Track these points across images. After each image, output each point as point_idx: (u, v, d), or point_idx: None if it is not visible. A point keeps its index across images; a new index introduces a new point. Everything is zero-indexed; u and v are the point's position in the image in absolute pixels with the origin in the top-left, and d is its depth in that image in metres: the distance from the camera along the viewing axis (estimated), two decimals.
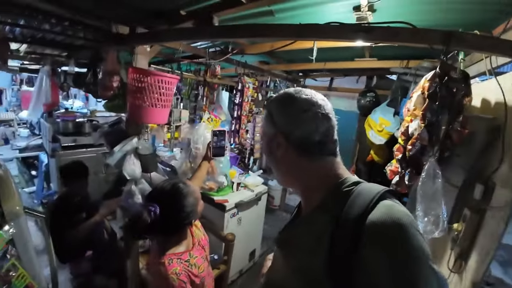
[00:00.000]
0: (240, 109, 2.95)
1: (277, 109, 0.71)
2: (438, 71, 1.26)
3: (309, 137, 0.67)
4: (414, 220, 0.56)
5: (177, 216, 1.15)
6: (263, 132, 0.77)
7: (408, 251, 0.51)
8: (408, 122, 1.53)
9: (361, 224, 0.55)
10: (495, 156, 1.23)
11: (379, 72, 3.14)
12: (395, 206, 0.57)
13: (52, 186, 3.94)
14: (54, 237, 1.92)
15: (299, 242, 0.67)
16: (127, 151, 1.87)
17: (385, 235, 0.53)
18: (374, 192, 0.60)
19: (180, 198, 1.16)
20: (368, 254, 0.52)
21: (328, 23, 1.33)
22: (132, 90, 1.69)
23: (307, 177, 0.70)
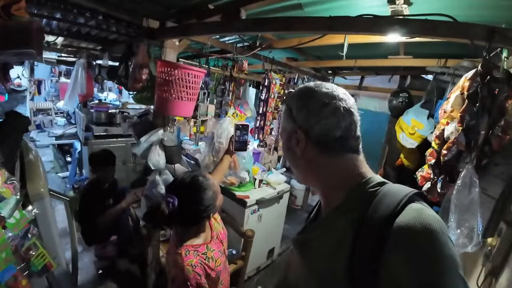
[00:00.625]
0: (265, 106, 2.93)
1: (296, 103, 0.69)
2: (480, 69, 1.16)
3: (329, 132, 0.64)
4: (445, 226, 0.51)
5: (195, 208, 1.16)
6: (282, 128, 0.75)
7: (437, 259, 0.47)
8: (444, 125, 1.43)
9: (387, 228, 0.51)
10: None
11: (414, 72, 2.96)
12: (425, 210, 0.52)
13: (84, 172, 4.19)
14: (82, 220, 2.04)
15: (319, 245, 0.64)
16: (153, 142, 1.92)
17: (413, 241, 0.49)
18: (402, 194, 0.55)
19: (199, 191, 1.17)
20: (393, 260, 0.49)
21: (361, 16, 1.27)
22: (160, 82, 1.73)
23: (327, 175, 0.67)
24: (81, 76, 2.83)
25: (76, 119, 4.56)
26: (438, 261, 0.46)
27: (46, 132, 6.55)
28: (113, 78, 2.45)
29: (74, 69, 2.94)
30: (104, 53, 2.71)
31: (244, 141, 1.68)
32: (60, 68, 7.91)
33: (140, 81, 1.76)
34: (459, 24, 1.09)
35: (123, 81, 1.94)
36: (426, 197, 0.59)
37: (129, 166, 3.55)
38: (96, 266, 2.23)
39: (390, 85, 3.37)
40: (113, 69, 2.27)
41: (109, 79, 2.72)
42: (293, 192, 4.31)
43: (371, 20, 1.25)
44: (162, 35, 1.76)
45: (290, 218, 3.33)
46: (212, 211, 1.21)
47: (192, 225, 1.21)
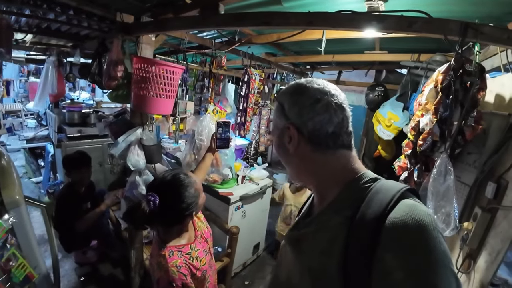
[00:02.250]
0: (246, 102, 2.91)
1: (289, 100, 0.68)
2: (453, 63, 1.21)
3: (322, 128, 0.63)
4: (437, 222, 0.52)
5: (177, 207, 1.13)
6: (274, 125, 0.74)
7: (430, 255, 0.47)
8: (419, 117, 1.48)
9: (380, 224, 0.51)
10: (508, 154, 1.18)
11: (389, 66, 3.06)
12: (417, 206, 0.53)
13: (58, 176, 3.98)
14: (60, 226, 1.93)
15: (312, 241, 0.64)
16: (131, 142, 1.85)
17: (406, 237, 0.49)
18: (394, 190, 0.56)
19: (181, 189, 1.14)
20: (386, 256, 0.49)
21: (339, 11, 1.29)
22: (137, 80, 1.66)
23: (320, 171, 0.67)
24: (52, 75, 2.66)
25: (48, 121, 4.31)
26: (431, 257, 0.47)
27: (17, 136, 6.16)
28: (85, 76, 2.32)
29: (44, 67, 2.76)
30: (75, 50, 2.56)
31: (226, 138, 1.66)
32: (29, 67, 7.44)
33: (115, 79, 1.67)
34: (433, 20, 1.13)
35: (97, 79, 1.84)
36: (418, 193, 0.59)
37: (106, 168, 3.41)
38: (78, 273, 2.14)
39: (366, 79, 3.47)
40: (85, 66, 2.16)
41: (81, 77, 2.58)
42: (275, 186, 4.35)
43: (349, 15, 1.27)
44: (137, 30, 1.68)
45: (274, 212, 3.36)
46: (194, 209, 1.18)
47: (174, 224, 1.18)
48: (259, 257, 3.16)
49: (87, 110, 3.71)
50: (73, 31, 2.38)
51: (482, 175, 1.28)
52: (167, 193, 1.11)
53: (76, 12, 1.73)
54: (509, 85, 1.24)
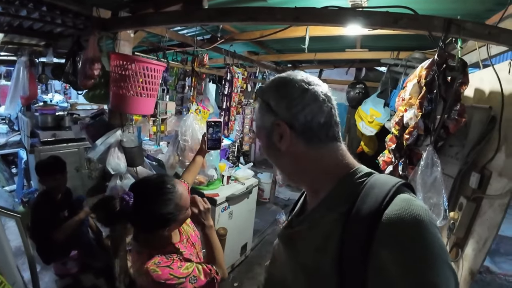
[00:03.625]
0: (229, 100, 2.87)
1: (274, 95, 0.64)
2: (436, 58, 1.24)
3: (314, 119, 0.60)
4: (433, 216, 0.51)
5: (150, 216, 1.02)
6: (259, 126, 0.69)
7: (428, 251, 0.46)
8: (402, 112, 1.51)
9: (376, 219, 0.50)
10: (490, 145, 1.23)
11: (369, 64, 3.14)
12: (413, 200, 0.52)
13: (32, 183, 3.76)
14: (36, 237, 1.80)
15: (306, 239, 0.62)
16: (111, 144, 1.75)
17: (403, 233, 0.48)
18: (390, 184, 0.54)
19: (159, 200, 1.02)
20: (383, 252, 0.48)
21: (326, 7, 1.28)
22: (115, 78, 1.57)
23: (314, 168, 0.64)
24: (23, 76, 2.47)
25: (20, 125, 4.04)
26: (428, 253, 0.46)
27: None
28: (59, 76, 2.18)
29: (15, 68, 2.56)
30: (48, 49, 2.38)
31: (218, 139, 1.60)
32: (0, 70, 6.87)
33: (92, 77, 1.57)
34: (419, 16, 1.15)
35: (71, 79, 1.72)
36: (412, 187, 0.58)
37: (84, 173, 3.23)
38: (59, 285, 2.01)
39: (347, 77, 3.54)
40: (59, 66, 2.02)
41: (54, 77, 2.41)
42: (261, 185, 4.34)
43: (336, 11, 1.27)
44: (115, 26, 1.58)
45: (259, 211, 3.35)
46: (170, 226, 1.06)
47: (149, 232, 1.07)
48: (247, 258, 3.13)
49: (61, 113, 3.51)
50: (46, 29, 2.22)
51: (466, 166, 1.33)
52: (144, 199, 1.00)
53: (50, 9, 1.60)
54: (488, 79, 1.29)
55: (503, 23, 1.19)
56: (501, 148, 1.14)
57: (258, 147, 6.69)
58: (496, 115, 1.19)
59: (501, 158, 1.13)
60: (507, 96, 1.13)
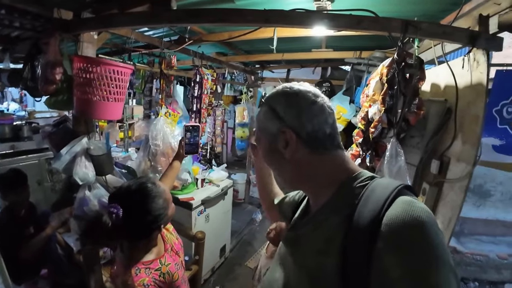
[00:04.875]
0: (199, 102, 2.83)
1: (284, 102, 0.66)
2: (396, 57, 1.34)
3: (321, 130, 0.63)
4: (434, 217, 0.52)
5: (143, 220, 1.02)
6: (262, 130, 0.70)
7: (428, 252, 0.47)
8: (367, 107, 1.61)
9: (378, 222, 0.51)
10: (447, 134, 1.36)
11: (334, 63, 3.29)
12: (414, 202, 0.52)
13: None
14: (3, 256, 1.64)
15: (310, 242, 0.63)
16: (77, 153, 1.65)
17: (405, 235, 0.49)
18: (391, 187, 0.55)
19: (147, 200, 1.03)
20: (385, 254, 0.49)
21: (294, 10, 1.33)
22: (79, 82, 1.48)
23: (317, 174, 0.65)
24: None
25: None
26: (430, 255, 0.47)
27: None
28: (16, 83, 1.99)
29: None
30: (4, 54, 2.15)
31: (196, 143, 1.58)
32: None
33: (54, 82, 1.46)
34: (379, 18, 1.24)
35: (30, 85, 1.59)
36: (414, 189, 0.60)
37: (46, 186, 2.99)
38: None
39: (313, 77, 3.67)
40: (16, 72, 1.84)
41: (10, 84, 2.20)
42: (235, 186, 4.33)
43: (304, 14, 1.32)
44: (77, 27, 1.49)
45: (235, 212, 3.34)
46: (163, 222, 1.09)
47: (140, 239, 1.07)
48: (227, 259, 3.12)
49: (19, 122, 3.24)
50: (3, 33, 2.00)
51: (426, 154, 1.45)
52: (132, 205, 1.00)
53: (8, 11, 1.46)
54: (443, 75, 1.43)
55: (457, 22, 1.32)
56: (458, 136, 1.27)
57: (229, 148, 6.67)
58: (451, 106, 1.32)
59: (458, 145, 1.26)
60: (461, 89, 1.26)
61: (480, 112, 1.14)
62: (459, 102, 1.27)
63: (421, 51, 1.72)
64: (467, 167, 1.19)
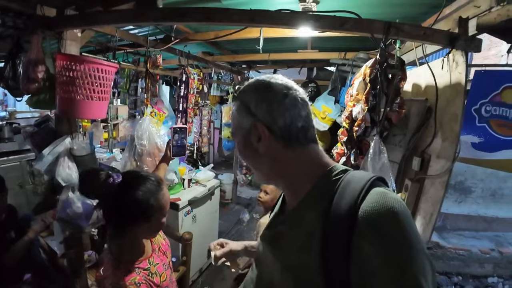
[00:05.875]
0: (186, 102, 2.81)
1: (255, 97, 0.65)
2: (378, 58, 1.39)
3: (293, 123, 0.62)
4: (406, 207, 0.54)
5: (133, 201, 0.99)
6: (236, 126, 0.69)
7: (403, 240, 0.49)
8: (351, 107, 1.65)
9: (354, 214, 0.52)
10: (428, 132, 1.42)
11: (319, 64, 3.35)
12: (387, 193, 0.54)
13: None
14: None
15: (289, 239, 0.63)
16: (60, 153, 1.60)
17: (378, 224, 0.50)
18: (364, 179, 0.57)
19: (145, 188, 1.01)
20: (362, 245, 0.50)
21: (280, 10, 1.35)
22: (62, 81, 1.44)
23: (292, 169, 0.65)
24: None
25: None
26: (405, 242, 0.49)
27: None
28: None
29: None
30: None
31: (183, 145, 1.58)
32: None
33: (36, 81, 1.42)
34: (362, 20, 1.28)
35: (11, 84, 1.53)
36: (385, 180, 0.62)
37: (28, 189, 2.87)
38: None
39: (299, 77, 3.71)
40: None
41: None
42: (222, 187, 4.32)
43: (289, 14, 1.34)
44: (61, 24, 1.45)
45: (222, 212, 3.34)
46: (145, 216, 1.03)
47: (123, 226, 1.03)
48: None
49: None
50: None
51: (408, 151, 1.51)
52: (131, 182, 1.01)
53: None
54: (424, 75, 1.49)
55: (437, 25, 1.38)
56: (438, 134, 1.32)
57: (216, 148, 6.64)
58: (431, 105, 1.37)
59: (438, 143, 1.32)
60: (441, 89, 1.32)
61: (459, 111, 1.20)
62: (439, 101, 1.33)
63: (403, 53, 1.78)
64: (447, 163, 1.25)
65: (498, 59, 2.47)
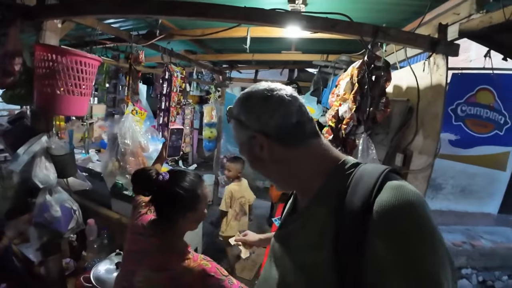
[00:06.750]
0: (168, 100, 2.72)
1: (242, 110, 0.67)
2: (366, 59, 1.46)
3: (285, 121, 0.63)
4: (424, 200, 0.52)
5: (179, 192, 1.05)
6: (239, 143, 0.70)
7: (422, 238, 0.47)
8: (337, 106, 1.71)
9: (368, 210, 0.50)
10: (409, 130, 1.51)
11: (301, 65, 3.42)
12: (404, 186, 0.52)
13: None
14: None
15: (302, 237, 0.62)
16: (36, 153, 1.49)
17: (396, 221, 0.48)
18: (377, 173, 0.55)
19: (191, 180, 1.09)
20: (377, 242, 0.48)
21: (274, 9, 1.37)
22: (41, 74, 1.35)
23: (300, 167, 0.65)
24: None
25: None
26: (422, 240, 0.47)
27: None
28: None
29: None
30: None
31: (178, 146, 1.55)
32: None
33: (12, 74, 1.30)
34: (353, 23, 1.34)
35: None
36: (400, 172, 0.60)
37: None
38: None
39: (281, 78, 3.77)
40: None
41: None
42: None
43: (284, 13, 1.37)
44: (42, 14, 1.34)
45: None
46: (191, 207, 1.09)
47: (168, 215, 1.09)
48: None
49: None
50: None
51: (391, 149, 1.60)
52: (178, 177, 1.09)
53: None
54: (405, 77, 1.58)
55: (418, 30, 1.47)
56: (419, 132, 1.41)
57: (195, 149, 6.52)
58: (413, 106, 1.47)
59: (420, 140, 1.41)
60: (422, 90, 1.41)
61: (440, 110, 1.29)
62: (420, 102, 1.42)
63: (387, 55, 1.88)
64: (428, 159, 1.34)
65: (467, 64, 2.70)
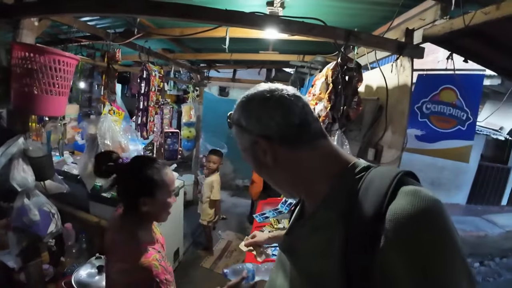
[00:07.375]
0: (147, 100, 2.70)
1: (243, 115, 0.63)
2: (339, 61, 1.57)
3: (287, 122, 0.58)
4: (443, 205, 0.47)
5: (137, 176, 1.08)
6: (242, 150, 0.66)
7: (439, 250, 0.44)
8: (313, 105, 1.82)
9: (380, 217, 0.47)
10: (380, 127, 1.65)
11: (279, 65, 3.52)
12: (420, 191, 0.47)
13: None
14: None
15: (308, 244, 0.59)
16: (13, 155, 1.45)
17: (410, 231, 0.44)
18: (390, 176, 0.50)
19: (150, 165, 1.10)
20: (391, 253, 0.45)
21: (253, 12, 1.44)
22: (19, 73, 1.32)
23: (306, 171, 0.60)
24: None
25: None
26: (438, 252, 0.44)
27: None
28: None
29: None
30: None
31: (175, 150, 1.56)
32: None
33: None
34: (328, 27, 1.44)
35: None
36: (415, 175, 0.55)
37: None
38: None
39: (259, 77, 3.85)
40: None
41: None
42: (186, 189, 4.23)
43: (262, 17, 1.44)
44: (20, 12, 1.30)
45: (185, 214, 3.28)
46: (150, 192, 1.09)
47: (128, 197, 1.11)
48: (181, 263, 3.05)
49: None
50: None
51: (364, 144, 1.73)
52: (137, 162, 1.13)
53: None
54: (375, 78, 1.72)
55: (387, 34, 1.60)
56: (388, 128, 1.55)
57: None
58: (382, 104, 1.60)
59: (389, 135, 1.55)
60: (390, 89, 1.55)
61: (406, 108, 1.43)
62: (389, 100, 1.56)
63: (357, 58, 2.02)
64: (397, 152, 1.48)
65: (435, 64, 2.94)
